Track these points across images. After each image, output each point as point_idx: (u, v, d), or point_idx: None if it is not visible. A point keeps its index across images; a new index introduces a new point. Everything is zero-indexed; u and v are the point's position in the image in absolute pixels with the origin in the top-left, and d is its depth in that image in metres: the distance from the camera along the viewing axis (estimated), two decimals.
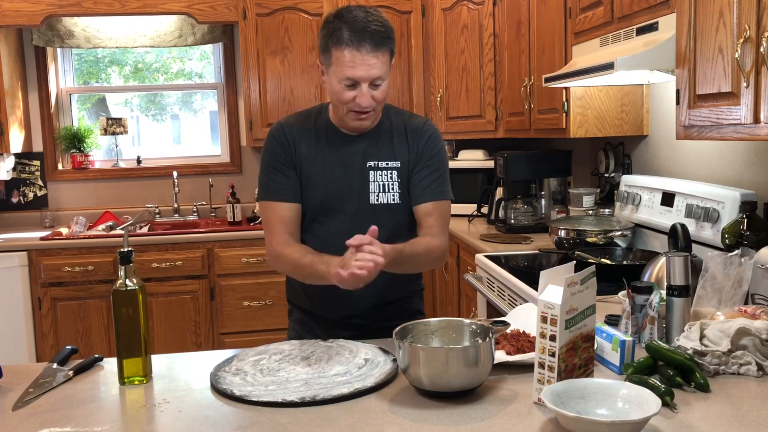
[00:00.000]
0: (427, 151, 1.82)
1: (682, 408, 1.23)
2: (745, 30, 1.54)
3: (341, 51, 1.64)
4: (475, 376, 1.30)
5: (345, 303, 1.82)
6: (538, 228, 3.40)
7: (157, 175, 4.46)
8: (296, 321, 1.96)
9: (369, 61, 1.63)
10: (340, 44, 1.63)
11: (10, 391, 1.43)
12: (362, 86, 1.66)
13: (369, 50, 1.63)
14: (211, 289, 3.86)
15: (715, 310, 1.56)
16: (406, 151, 1.81)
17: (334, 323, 1.86)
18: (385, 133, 1.82)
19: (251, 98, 4.12)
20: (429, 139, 1.83)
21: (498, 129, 3.85)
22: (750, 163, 2.19)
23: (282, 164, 1.79)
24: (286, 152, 1.80)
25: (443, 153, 1.85)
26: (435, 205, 1.80)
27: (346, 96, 1.68)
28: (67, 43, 4.28)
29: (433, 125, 1.88)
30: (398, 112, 1.88)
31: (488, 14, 3.81)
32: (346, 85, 1.67)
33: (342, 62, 1.64)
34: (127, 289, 1.43)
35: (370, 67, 1.64)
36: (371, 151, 1.80)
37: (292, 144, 1.80)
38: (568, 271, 1.30)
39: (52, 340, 3.76)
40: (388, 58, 1.68)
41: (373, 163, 1.79)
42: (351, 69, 1.64)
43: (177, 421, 1.27)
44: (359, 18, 1.64)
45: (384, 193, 1.80)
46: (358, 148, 1.80)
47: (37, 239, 3.79)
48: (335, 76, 1.67)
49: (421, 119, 1.88)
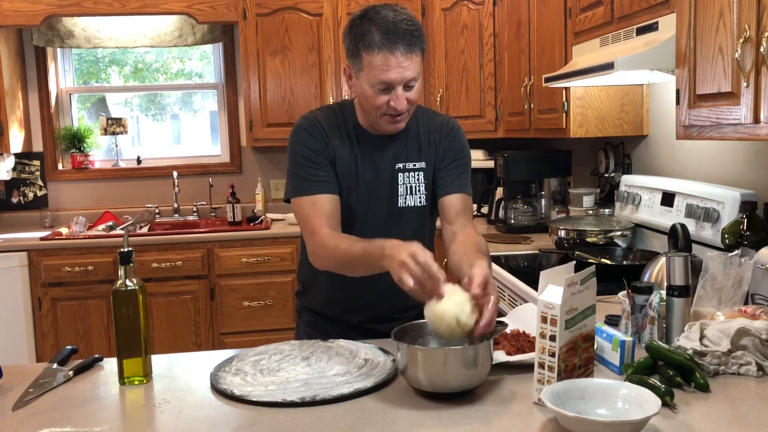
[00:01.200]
0: (453, 147, 1.78)
1: (682, 408, 1.23)
2: (745, 30, 1.54)
3: (373, 55, 1.56)
4: (474, 377, 1.30)
5: (366, 307, 1.80)
6: (538, 228, 3.40)
7: (157, 175, 4.46)
8: (307, 323, 1.92)
9: (403, 63, 1.57)
10: (372, 48, 1.56)
11: (10, 391, 1.43)
12: (397, 89, 1.60)
13: (403, 52, 1.56)
14: (211, 289, 3.86)
15: (715, 310, 1.56)
16: (433, 150, 1.78)
17: (351, 327, 1.82)
18: (413, 133, 1.78)
19: (251, 98, 4.12)
20: (455, 135, 1.80)
21: (498, 129, 3.85)
22: (750, 163, 2.19)
23: (321, 156, 1.71)
24: (323, 145, 1.72)
25: (467, 148, 1.82)
26: (464, 200, 1.75)
27: (380, 101, 1.62)
28: (67, 43, 4.28)
29: (456, 122, 1.84)
30: (423, 111, 1.84)
31: (488, 14, 3.81)
32: (379, 89, 1.60)
33: (375, 66, 1.57)
34: (127, 289, 1.43)
35: (404, 70, 1.58)
36: (401, 152, 1.76)
37: (328, 139, 1.72)
38: (568, 271, 1.30)
39: (52, 340, 3.76)
40: (420, 57, 1.62)
41: (402, 165, 1.76)
42: (385, 73, 1.57)
43: (177, 421, 1.27)
44: (389, 19, 1.57)
45: (411, 195, 1.77)
46: (388, 150, 1.75)
47: (37, 239, 3.79)
48: (367, 81, 1.61)
49: (444, 117, 1.85)
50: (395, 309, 1.80)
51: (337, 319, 1.86)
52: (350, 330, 1.82)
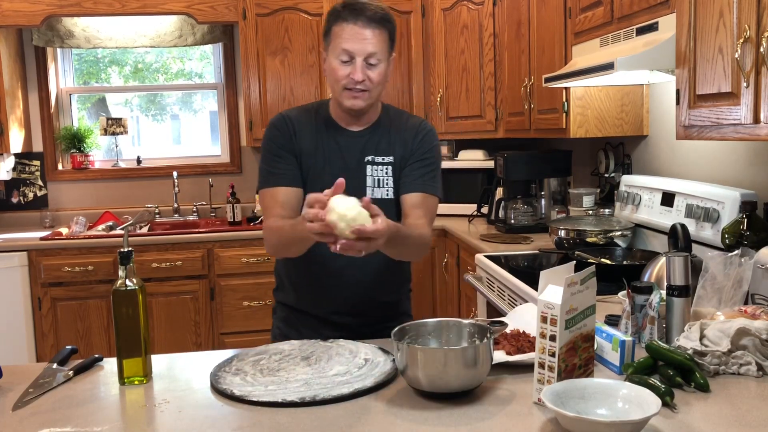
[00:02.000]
0: (422, 147, 1.84)
1: (682, 408, 1.23)
2: (745, 30, 1.54)
3: (339, 26, 1.71)
4: (474, 377, 1.30)
5: (333, 298, 1.83)
6: (538, 228, 3.40)
7: (157, 175, 4.46)
8: (280, 318, 1.96)
9: (364, 34, 1.69)
10: (338, 20, 1.71)
11: (10, 391, 1.43)
12: (357, 60, 1.70)
13: (364, 24, 1.69)
14: (211, 289, 3.86)
15: (715, 310, 1.56)
16: (402, 147, 1.83)
17: (319, 320, 1.87)
18: (384, 128, 1.85)
19: (251, 98, 4.12)
20: (425, 136, 1.86)
21: (498, 129, 3.85)
22: (750, 163, 2.19)
23: (283, 150, 1.80)
24: (287, 140, 1.81)
25: (437, 151, 1.87)
26: (424, 198, 1.81)
27: (342, 72, 1.71)
28: (67, 43, 4.28)
29: (429, 124, 1.91)
30: (397, 111, 1.92)
31: (488, 14, 3.81)
32: (342, 60, 1.71)
33: (339, 36, 1.71)
34: (127, 289, 1.43)
35: (365, 41, 1.69)
36: (369, 145, 1.82)
37: (293, 133, 1.82)
38: (568, 271, 1.30)
39: (52, 340, 3.76)
40: (385, 38, 1.73)
41: (371, 158, 1.82)
42: (346, 41, 1.69)
43: (177, 421, 1.27)
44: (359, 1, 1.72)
45: (378, 188, 1.82)
46: (357, 142, 1.82)
47: (37, 239, 3.79)
48: (333, 53, 1.73)
49: (418, 119, 1.92)
50: (363, 302, 1.85)
51: (308, 312, 1.89)
52: (320, 324, 1.86)
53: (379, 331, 1.75)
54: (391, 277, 1.89)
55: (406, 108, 4.18)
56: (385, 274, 1.86)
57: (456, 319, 1.49)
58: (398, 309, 1.94)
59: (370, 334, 1.73)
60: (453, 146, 4.28)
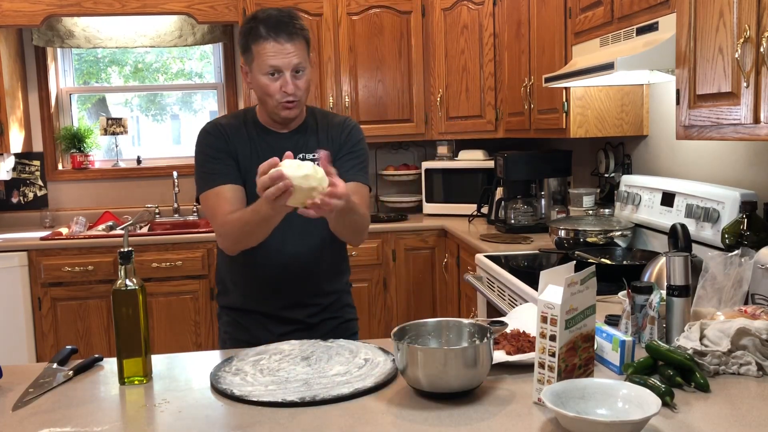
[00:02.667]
0: (349, 141, 1.93)
1: (682, 408, 1.23)
2: (745, 30, 1.54)
3: (261, 45, 1.77)
4: (474, 377, 1.30)
5: (281, 292, 1.88)
6: (538, 228, 3.40)
7: (157, 175, 4.46)
8: (227, 323, 1.98)
9: (288, 49, 1.77)
10: (259, 39, 1.77)
11: (10, 391, 1.43)
12: (285, 74, 1.78)
13: (285, 39, 1.76)
14: (211, 289, 3.86)
15: (715, 310, 1.56)
16: (330, 144, 1.90)
17: (268, 317, 1.90)
18: (311, 128, 1.93)
19: (251, 98, 4.11)
20: (350, 131, 1.95)
21: (498, 129, 3.86)
22: (750, 163, 2.19)
23: (221, 152, 1.85)
24: (223, 143, 1.86)
25: (364, 144, 1.96)
26: (357, 186, 1.87)
27: (273, 87, 1.79)
28: (67, 43, 4.28)
29: (353, 121, 2.00)
30: (322, 112, 2.01)
31: (488, 14, 3.81)
32: (270, 75, 1.78)
33: (263, 55, 1.77)
34: (127, 289, 1.43)
35: (290, 55, 1.77)
36: (300, 145, 1.88)
37: (228, 138, 1.87)
38: (568, 271, 1.30)
39: (52, 340, 3.76)
40: (304, 46, 1.82)
41: (302, 156, 1.86)
42: (272, 58, 1.76)
43: (177, 421, 1.27)
44: (272, 15, 1.79)
45: None
46: (287, 143, 1.87)
47: (37, 239, 3.79)
48: (259, 70, 1.79)
49: (342, 117, 2.02)
50: (308, 294, 1.91)
51: (255, 311, 1.92)
52: (268, 320, 1.90)
53: (324, 321, 1.90)
54: (334, 267, 1.97)
55: (406, 108, 4.18)
56: (328, 264, 1.94)
57: (456, 319, 1.49)
58: (342, 300, 2.00)
59: (318, 325, 1.86)
60: (453, 146, 4.28)
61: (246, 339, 1.86)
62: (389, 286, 3.93)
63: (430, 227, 3.93)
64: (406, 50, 4.18)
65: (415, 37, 4.18)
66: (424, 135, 4.22)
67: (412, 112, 4.20)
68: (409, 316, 3.89)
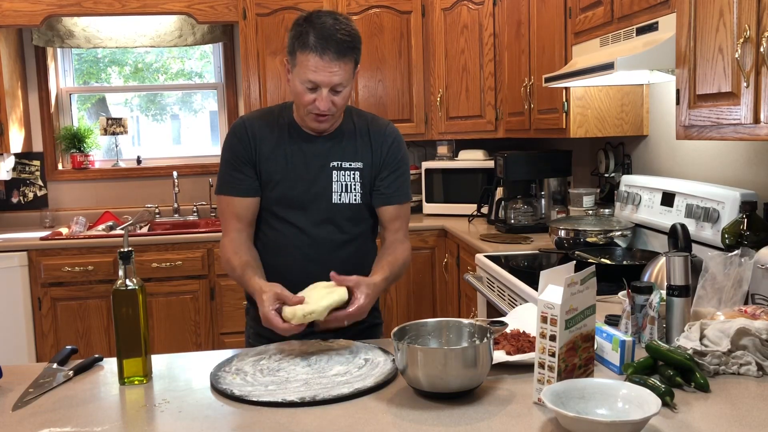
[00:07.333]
0: (392, 158, 1.88)
1: (682, 408, 1.23)
2: (745, 30, 1.54)
3: (306, 55, 1.68)
4: (474, 377, 1.30)
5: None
6: (538, 228, 3.40)
7: (157, 175, 4.46)
8: (253, 318, 1.95)
9: (332, 68, 1.67)
10: (305, 49, 1.67)
11: (10, 391, 1.43)
12: (322, 90, 1.70)
13: (332, 58, 1.66)
14: (211, 289, 3.86)
15: (715, 310, 1.56)
16: (369, 153, 1.86)
17: None
18: (349, 134, 1.86)
19: (251, 98, 4.12)
20: (393, 143, 1.88)
21: (498, 129, 3.86)
22: (750, 163, 2.19)
23: (240, 161, 1.83)
24: (245, 149, 1.83)
25: (406, 157, 1.93)
26: (400, 209, 1.88)
27: (307, 98, 1.72)
28: (67, 43, 4.28)
29: (395, 128, 1.93)
30: (361, 114, 1.92)
31: (488, 14, 3.81)
32: (307, 87, 1.71)
33: (305, 66, 1.68)
34: (127, 289, 1.43)
35: (332, 74, 1.68)
36: (334, 151, 1.84)
37: (252, 140, 1.83)
38: (568, 271, 1.30)
39: (52, 340, 3.76)
40: (351, 66, 1.72)
41: (337, 164, 1.83)
42: (313, 73, 1.68)
43: (177, 421, 1.27)
44: (327, 25, 1.67)
45: (346, 192, 1.85)
46: (321, 147, 1.84)
47: (37, 239, 3.79)
48: (298, 77, 1.72)
49: (384, 122, 1.93)
50: None
51: None
52: None
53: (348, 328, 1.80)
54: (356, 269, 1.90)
55: (406, 108, 4.18)
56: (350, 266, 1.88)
57: (456, 319, 1.49)
58: None
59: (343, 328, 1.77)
60: (453, 146, 4.28)
61: (268, 336, 1.79)
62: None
63: (430, 227, 3.93)
64: (406, 50, 4.18)
65: (415, 37, 4.18)
66: (424, 135, 4.22)
67: (412, 112, 4.20)
68: (409, 316, 3.89)
